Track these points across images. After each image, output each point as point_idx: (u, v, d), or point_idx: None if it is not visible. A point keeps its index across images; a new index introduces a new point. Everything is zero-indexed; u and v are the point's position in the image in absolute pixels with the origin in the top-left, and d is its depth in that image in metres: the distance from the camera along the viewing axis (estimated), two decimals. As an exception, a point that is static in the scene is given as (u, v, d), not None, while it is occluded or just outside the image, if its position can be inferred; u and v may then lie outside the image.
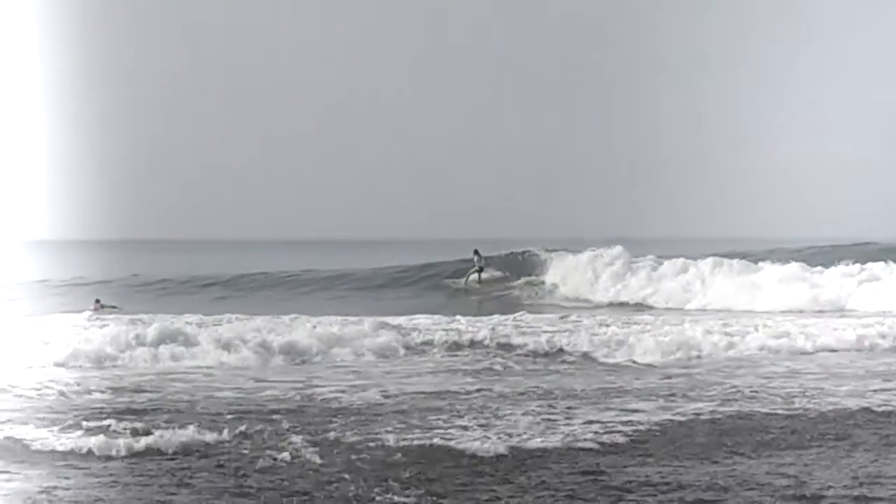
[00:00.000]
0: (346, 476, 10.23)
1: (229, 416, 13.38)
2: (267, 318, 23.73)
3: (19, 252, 73.84)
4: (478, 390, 15.69)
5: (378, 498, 9.54)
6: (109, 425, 12.37)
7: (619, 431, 12.28)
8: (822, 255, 38.99)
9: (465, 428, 12.57)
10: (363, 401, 14.74)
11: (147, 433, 11.86)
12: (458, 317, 25.52)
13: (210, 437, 11.80)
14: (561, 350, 20.29)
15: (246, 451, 11.29)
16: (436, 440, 11.72)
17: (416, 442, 11.66)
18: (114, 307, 27.16)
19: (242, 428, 12.36)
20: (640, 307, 33.70)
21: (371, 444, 11.58)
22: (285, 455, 11.00)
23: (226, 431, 12.07)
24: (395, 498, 9.53)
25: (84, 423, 12.53)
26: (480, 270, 39.47)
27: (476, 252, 39.82)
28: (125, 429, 12.21)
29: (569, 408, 13.99)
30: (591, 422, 12.91)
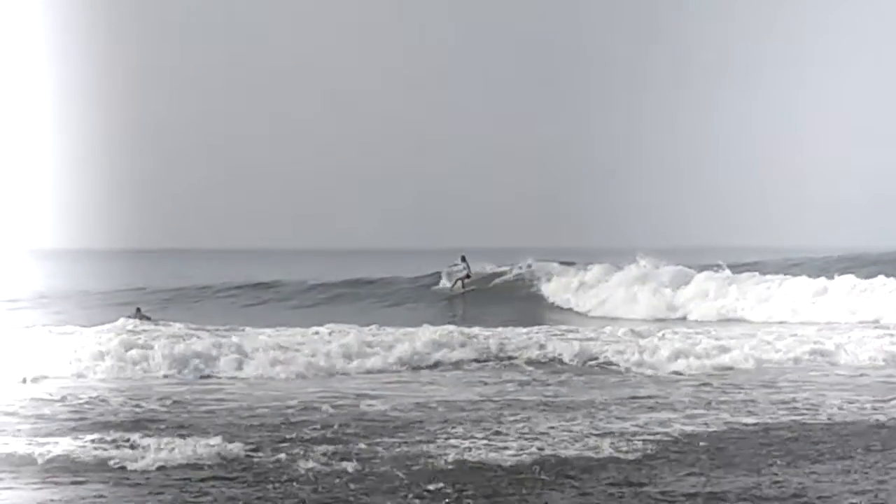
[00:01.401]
0: (382, 486, 10.14)
1: (260, 426, 13.32)
2: (291, 329, 23.78)
3: (27, 261, 74.13)
4: (511, 400, 15.59)
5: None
6: (136, 436, 12.29)
7: (656, 441, 12.17)
8: (844, 263, 38.80)
9: (498, 438, 12.45)
10: (396, 411, 14.64)
11: (177, 443, 11.80)
12: (477, 328, 24.95)
13: (240, 447, 11.71)
14: (592, 360, 20.22)
15: (278, 461, 11.19)
16: (470, 450, 11.61)
17: (450, 452, 11.54)
18: (147, 317, 27.16)
19: (274, 437, 12.31)
20: (672, 319, 33.10)
21: (406, 455, 11.48)
22: (319, 465, 10.92)
23: (258, 441, 12.02)
24: (434, 508, 9.45)
25: (111, 434, 12.46)
26: (466, 277, 39.94)
27: (463, 258, 40.66)
28: (153, 434, 12.20)
29: (602, 418, 13.89)
30: (626, 432, 12.79)
